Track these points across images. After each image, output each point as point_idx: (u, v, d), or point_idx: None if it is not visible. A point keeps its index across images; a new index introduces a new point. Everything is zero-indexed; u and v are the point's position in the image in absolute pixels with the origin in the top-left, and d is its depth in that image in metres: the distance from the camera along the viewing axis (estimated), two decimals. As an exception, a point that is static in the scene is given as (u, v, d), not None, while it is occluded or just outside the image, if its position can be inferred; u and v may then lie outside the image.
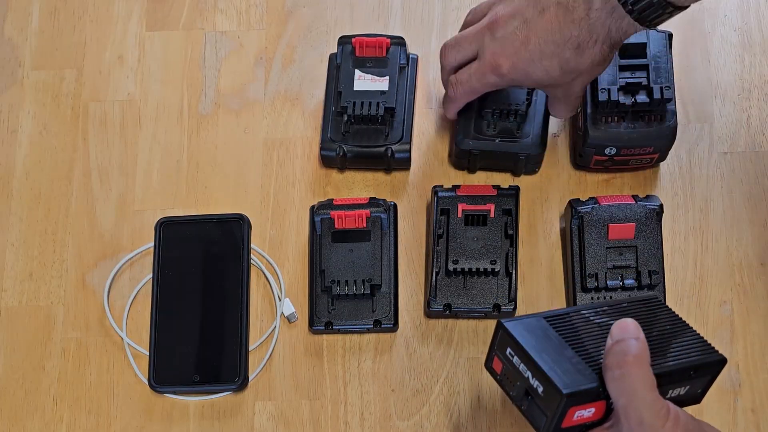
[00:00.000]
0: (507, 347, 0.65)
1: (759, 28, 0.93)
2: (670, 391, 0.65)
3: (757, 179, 0.88)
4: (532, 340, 0.64)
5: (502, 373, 0.66)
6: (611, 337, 0.62)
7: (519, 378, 0.64)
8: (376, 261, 0.85)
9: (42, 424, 0.84)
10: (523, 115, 0.85)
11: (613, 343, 0.61)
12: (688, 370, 0.65)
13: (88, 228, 0.90)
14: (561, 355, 0.63)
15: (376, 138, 0.88)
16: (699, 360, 0.66)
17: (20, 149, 0.93)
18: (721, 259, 0.86)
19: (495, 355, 0.66)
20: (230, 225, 0.87)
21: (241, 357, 0.83)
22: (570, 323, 0.66)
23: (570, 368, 0.62)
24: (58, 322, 0.87)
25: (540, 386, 0.62)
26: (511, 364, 0.65)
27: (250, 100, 0.93)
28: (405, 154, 0.87)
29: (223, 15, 0.96)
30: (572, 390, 0.61)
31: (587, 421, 0.63)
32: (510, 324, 0.65)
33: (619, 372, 0.60)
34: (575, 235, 0.84)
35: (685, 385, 0.66)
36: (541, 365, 0.62)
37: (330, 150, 0.88)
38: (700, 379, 0.67)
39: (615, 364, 0.61)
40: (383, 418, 0.83)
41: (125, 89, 0.94)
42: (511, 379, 0.65)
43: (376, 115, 0.87)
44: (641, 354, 0.61)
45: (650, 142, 0.84)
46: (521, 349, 0.64)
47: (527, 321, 0.66)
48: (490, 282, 0.84)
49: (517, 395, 0.65)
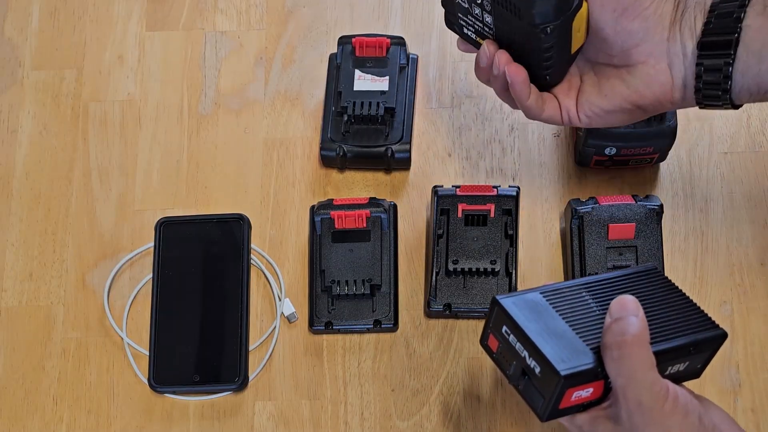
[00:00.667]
0: (503, 325, 0.63)
1: (759, 28, 0.93)
2: (669, 368, 0.63)
3: (757, 179, 0.88)
4: (529, 317, 0.62)
5: (498, 351, 0.64)
6: (610, 314, 0.61)
7: (515, 357, 0.62)
8: (376, 261, 0.85)
9: (42, 424, 0.84)
10: None
11: (612, 321, 0.60)
12: (688, 346, 0.63)
13: (88, 228, 0.90)
14: (558, 334, 0.61)
15: (376, 138, 0.88)
16: (699, 336, 0.64)
17: (20, 149, 0.93)
18: (721, 259, 0.86)
19: (490, 332, 0.65)
20: (230, 225, 0.87)
21: (241, 357, 0.83)
22: (567, 299, 0.64)
23: (567, 347, 0.61)
24: (58, 322, 0.87)
25: (537, 366, 0.61)
26: (507, 342, 0.63)
27: (250, 100, 0.93)
28: (405, 154, 0.88)
29: (223, 15, 0.96)
30: (570, 371, 0.59)
31: (585, 401, 0.62)
32: (506, 300, 0.63)
33: (618, 352, 0.59)
34: (575, 235, 0.84)
35: (685, 361, 0.64)
36: (538, 345, 0.60)
37: (330, 150, 0.88)
38: (700, 355, 0.65)
39: (614, 344, 0.59)
40: (383, 418, 0.83)
41: (125, 89, 0.94)
42: (508, 358, 0.63)
43: (376, 115, 0.87)
44: (641, 333, 0.60)
45: (650, 142, 0.84)
46: (517, 327, 0.62)
47: (523, 297, 0.64)
48: (490, 282, 0.84)
49: (514, 374, 0.63)
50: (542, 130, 0.91)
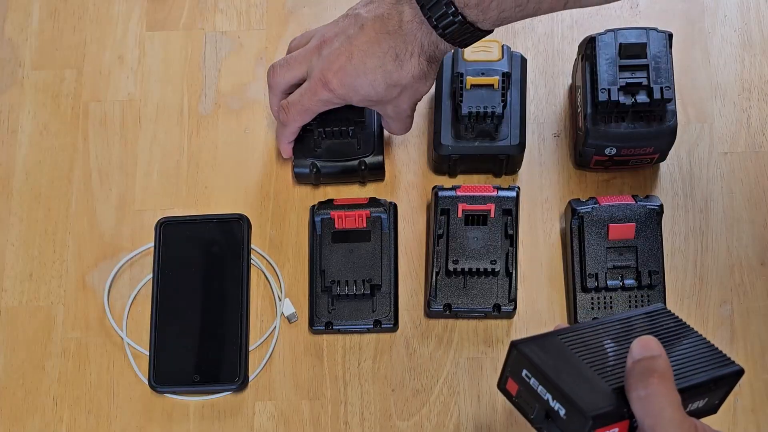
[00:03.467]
0: (522, 369, 0.63)
1: (759, 28, 0.93)
2: (690, 405, 0.63)
3: (757, 179, 0.88)
4: (549, 360, 0.62)
5: (518, 395, 0.64)
6: (631, 356, 0.61)
7: (538, 400, 0.62)
8: (376, 261, 0.85)
9: (42, 424, 0.84)
10: (499, 117, 0.85)
11: (635, 361, 0.60)
12: (709, 383, 0.64)
13: (88, 228, 0.90)
14: (580, 376, 0.61)
15: (348, 152, 0.87)
16: (718, 372, 0.64)
17: (20, 149, 0.93)
18: (721, 259, 0.86)
19: (509, 376, 0.64)
20: (230, 225, 0.87)
21: (241, 357, 0.83)
22: (584, 340, 0.64)
23: (591, 388, 0.60)
24: (58, 322, 0.87)
25: (562, 408, 0.60)
26: (528, 386, 0.62)
27: (250, 100, 0.93)
28: (378, 165, 0.87)
29: (223, 15, 0.96)
30: (597, 412, 0.59)
31: None
32: (524, 345, 0.63)
33: (645, 392, 0.59)
34: (575, 235, 0.84)
35: (704, 398, 0.64)
36: (562, 387, 0.60)
37: (303, 167, 0.87)
38: (719, 391, 0.65)
39: (640, 384, 0.59)
40: (383, 418, 0.83)
41: (125, 89, 0.94)
42: (529, 402, 0.63)
43: (347, 129, 0.86)
44: (666, 372, 0.60)
45: (650, 142, 0.84)
46: (539, 370, 0.61)
47: (541, 341, 0.64)
48: (490, 282, 0.84)
49: (537, 418, 0.62)
50: (542, 130, 0.91)
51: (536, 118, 0.91)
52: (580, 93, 0.86)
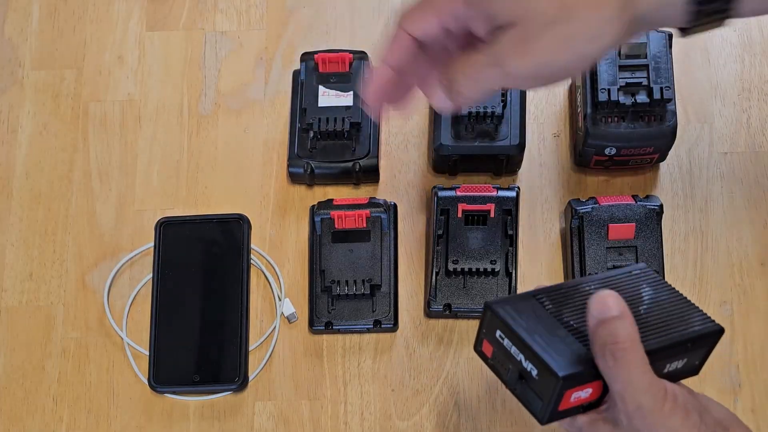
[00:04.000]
0: (496, 329, 0.62)
1: (759, 28, 0.93)
2: (668, 365, 0.63)
3: (757, 179, 0.88)
4: (523, 320, 0.61)
5: (493, 357, 0.64)
6: (590, 315, 0.59)
7: (511, 361, 0.62)
8: (376, 261, 0.85)
9: (42, 424, 0.84)
10: (499, 117, 0.85)
11: (597, 324, 0.59)
12: (685, 343, 0.63)
13: (88, 228, 0.90)
14: (553, 335, 0.60)
15: (343, 153, 0.87)
16: (695, 332, 0.63)
17: (20, 149, 0.93)
18: (721, 259, 0.86)
19: (484, 338, 0.64)
20: (230, 225, 0.87)
21: (241, 357, 0.83)
22: (560, 300, 0.64)
23: (564, 348, 0.60)
24: (58, 322, 0.87)
25: (534, 369, 0.60)
26: (502, 347, 0.62)
27: (250, 100, 0.93)
28: (373, 168, 0.87)
29: (223, 15, 0.96)
30: (568, 372, 0.58)
31: (584, 402, 0.61)
32: (498, 305, 0.62)
33: (612, 359, 0.58)
34: (575, 235, 0.84)
35: (682, 359, 0.63)
36: (534, 347, 0.60)
37: (298, 167, 0.87)
38: (698, 351, 0.64)
39: (606, 353, 0.58)
40: (383, 418, 0.83)
41: (125, 89, 0.94)
42: (503, 363, 0.63)
43: (342, 131, 0.87)
44: (629, 336, 0.58)
45: (650, 142, 0.84)
46: (512, 331, 0.61)
47: (515, 300, 0.63)
48: (490, 282, 0.84)
49: (510, 379, 0.62)
50: (542, 130, 0.91)
51: (536, 118, 0.91)
52: (579, 93, 0.86)
